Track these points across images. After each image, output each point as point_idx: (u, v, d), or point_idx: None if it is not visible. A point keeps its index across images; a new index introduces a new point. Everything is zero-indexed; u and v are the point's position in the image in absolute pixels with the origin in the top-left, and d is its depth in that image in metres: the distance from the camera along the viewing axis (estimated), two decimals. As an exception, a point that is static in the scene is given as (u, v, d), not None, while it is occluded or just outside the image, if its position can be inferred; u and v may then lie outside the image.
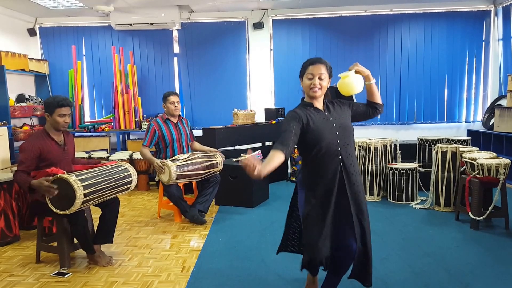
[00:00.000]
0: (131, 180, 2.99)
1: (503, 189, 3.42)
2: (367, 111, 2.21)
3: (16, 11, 5.72)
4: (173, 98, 3.92)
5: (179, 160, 3.64)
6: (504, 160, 3.41)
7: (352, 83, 2.09)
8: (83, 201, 2.58)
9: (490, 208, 3.40)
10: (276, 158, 1.84)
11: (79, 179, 2.59)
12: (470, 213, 3.46)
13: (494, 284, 2.45)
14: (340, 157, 2.04)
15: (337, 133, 2.04)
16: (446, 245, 3.12)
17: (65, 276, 2.70)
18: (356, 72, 2.11)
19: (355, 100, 2.33)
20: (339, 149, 2.03)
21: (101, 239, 2.95)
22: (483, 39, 6.01)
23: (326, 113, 2.08)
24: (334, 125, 2.05)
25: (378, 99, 2.20)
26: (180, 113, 4.07)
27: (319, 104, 2.10)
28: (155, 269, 2.79)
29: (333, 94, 2.24)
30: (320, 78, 2.03)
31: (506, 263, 2.76)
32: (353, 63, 2.14)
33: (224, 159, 4.00)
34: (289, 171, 5.70)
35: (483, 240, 3.20)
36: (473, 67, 6.06)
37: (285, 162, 2.28)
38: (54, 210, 2.59)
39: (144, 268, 2.82)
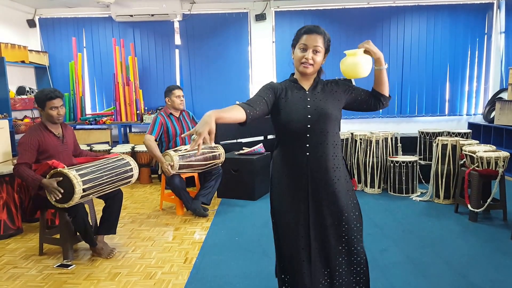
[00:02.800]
0: (132, 174, 3.00)
1: (501, 182, 3.44)
2: (369, 101, 1.84)
3: (15, 2, 5.67)
4: (178, 92, 3.92)
5: (181, 150, 3.67)
6: (503, 153, 3.43)
7: (359, 64, 1.74)
8: (82, 195, 2.61)
9: (488, 200, 3.42)
10: (236, 110, 1.60)
11: (79, 174, 2.61)
12: (469, 205, 3.49)
13: (492, 275, 2.49)
14: (307, 145, 1.74)
15: (309, 116, 1.73)
16: (445, 236, 3.15)
17: (69, 268, 2.73)
18: (366, 51, 1.76)
19: (353, 84, 1.96)
20: (307, 135, 1.73)
21: (105, 231, 2.97)
22: (485, 32, 5.98)
23: (307, 92, 1.79)
24: (309, 106, 1.75)
25: (385, 90, 1.82)
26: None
27: (306, 82, 1.80)
28: (158, 261, 2.82)
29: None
30: (315, 51, 1.72)
31: (503, 254, 2.79)
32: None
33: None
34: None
35: (482, 232, 3.23)
36: (475, 60, 6.04)
37: (244, 124, 1.68)
38: (53, 203, 2.62)
39: (147, 259, 2.86)
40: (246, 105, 1.66)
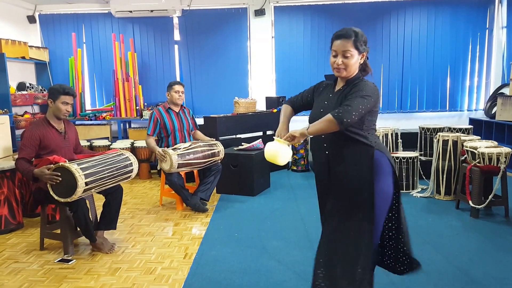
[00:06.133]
0: (132, 169, 3.01)
1: (503, 178, 3.42)
2: None
3: (16, -2, 5.67)
4: (178, 88, 3.94)
5: (180, 148, 3.65)
6: (505, 149, 3.41)
7: (279, 152, 1.77)
8: (84, 189, 2.60)
9: (490, 197, 3.41)
10: (284, 108, 2.03)
11: (81, 168, 2.61)
12: (470, 202, 3.48)
13: (493, 272, 2.48)
14: (325, 145, 1.83)
15: (321, 114, 1.78)
16: (446, 233, 3.14)
17: (69, 263, 2.73)
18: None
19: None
20: (322, 136, 1.80)
21: (105, 226, 2.98)
22: (487, 26, 5.95)
23: (330, 95, 1.85)
24: (322, 110, 1.82)
25: (329, 129, 1.70)
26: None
27: (340, 82, 1.84)
28: (158, 256, 2.83)
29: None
30: (345, 56, 1.74)
31: (505, 251, 2.78)
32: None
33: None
34: (290, 160, 5.71)
35: (483, 228, 3.23)
36: (476, 55, 6.01)
37: (294, 112, 2.05)
38: (56, 197, 2.62)
39: (147, 255, 2.86)
40: (288, 100, 2.07)
